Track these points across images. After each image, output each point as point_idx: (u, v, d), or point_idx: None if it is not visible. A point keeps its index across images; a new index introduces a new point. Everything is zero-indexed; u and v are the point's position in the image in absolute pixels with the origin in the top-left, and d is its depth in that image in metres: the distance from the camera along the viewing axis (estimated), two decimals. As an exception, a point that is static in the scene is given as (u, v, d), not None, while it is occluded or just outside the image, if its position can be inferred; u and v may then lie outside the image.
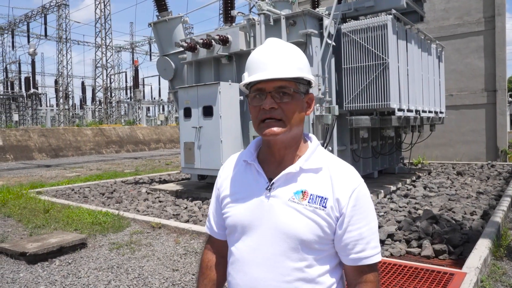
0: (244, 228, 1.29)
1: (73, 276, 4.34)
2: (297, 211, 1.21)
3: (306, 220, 1.21)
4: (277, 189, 1.26)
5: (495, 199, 7.57)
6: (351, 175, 1.26)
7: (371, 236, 1.23)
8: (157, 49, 11.10)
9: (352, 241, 1.22)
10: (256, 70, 1.25)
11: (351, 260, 1.24)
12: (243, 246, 1.29)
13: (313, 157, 1.28)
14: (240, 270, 1.28)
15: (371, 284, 1.23)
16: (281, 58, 1.24)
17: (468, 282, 3.55)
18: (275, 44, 1.28)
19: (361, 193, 1.23)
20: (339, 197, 1.22)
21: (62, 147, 23.62)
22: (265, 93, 1.23)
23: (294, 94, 1.23)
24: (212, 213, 1.48)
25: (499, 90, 13.65)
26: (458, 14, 14.24)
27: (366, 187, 1.27)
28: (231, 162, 1.45)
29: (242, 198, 1.31)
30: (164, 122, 47.60)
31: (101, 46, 35.38)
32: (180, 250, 5.13)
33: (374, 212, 1.27)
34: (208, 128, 8.07)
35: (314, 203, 1.21)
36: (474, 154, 14.04)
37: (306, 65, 1.29)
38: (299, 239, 1.20)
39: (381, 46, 7.67)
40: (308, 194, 1.23)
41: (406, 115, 8.40)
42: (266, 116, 1.23)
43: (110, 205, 8.06)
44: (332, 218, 1.22)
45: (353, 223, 1.21)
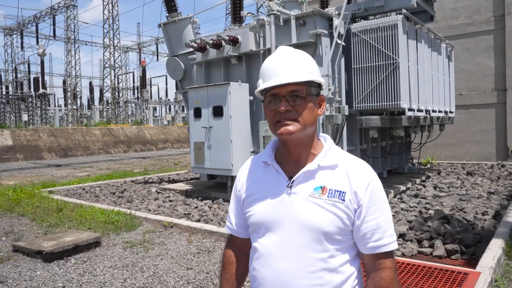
0: (268, 225, 1.36)
1: (89, 274, 4.40)
2: (318, 205, 1.30)
3: (327, 213, 1.29)
4: (297, 186, 1.34)
5: (507, 199, 7.54)
6: (365, 169, 1.35)
7: (387, 225, 1.32)
8: (167, 49, 11.16)
9: (370, 231, 1.31)
10: (270, 77, 1.35)
11: (369, 248, 1.32)
12: (268, 242, 1.36)
13: (329, 154, 1.38)
14: (266, 264, 1.35)
15: (389, 270, 1.31)
16: (292, 64, 1.34)
17: (483, 281, 3.56)
18: (285, 52, 1.39)
19: (376, 186, 1.33)
20: (357, 190, 1.31)
21: (71, 147, 23.82)
22: (279, 97, 1.33)
23: (306, 96, 1.33)
24: (233, 213, 1.57)
25: (509, 90, 13.56)
26: (467, 13, 14.17)
27: (379, 180, 1.36)
28: (249, 164, 1.54)
29: (264, 197, 1.39)
30: (171, 122, 47.80)
31: (109, 47, 35.59)
32: (193, 249, 5.18)
33: (387, 203, 1.36)
34: (218, 128, 8.11)
35: (333, 197, 1.30)
36: (484, 154, 13.96)
37: (316, 69, 1.39)
38: (322, 231, 1.29)
39: (391, 46, 7.67)
40: (327, 189, 1.32)
41: (416, 115, 8.38)
42: (280, 118, 1.32)
43: (121, 204, 8.14)
44: (350, 210, 1.31)
45: (370, 214, 1.31)
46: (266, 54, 8.26)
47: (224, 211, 7.26)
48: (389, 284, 1.31)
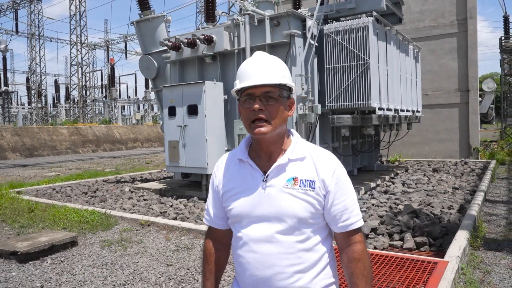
0: (249, 216, 1.51)
1: (68, 274, 4.37)
2: (292, 195, 1.46)
3: (300, 201, 1.46)
4: (272, 180, 1.50)
5: (470, 194, 7.94)
6: (330, 159, 1.53)
7: (353, 206, 1.51)
8: (135, 47, 11.07)
9: (339, 212, 1.49)
10: (247, 78, 1.49)
11: (340, 227, 1.51)
12: (250, 231, 1.51)
13: (297, 148, 1.53)
14: (250, 250, 1.50)
15: (360, 244, 1.50)
16: (267, 67, 1.49)
17: (451, 269, 3.80)
18: (261, 56, 1.53)
19: (340, 172, 1.51)
20: (324, 178, 1.48)
21: (37, 147, 23.12)
22: (254, 97, 1.47)
23: (278, 98, 1.48)
24: (211, 206, 1.68)
25: (471, 90, 14.21)
26: (432, 16, 14.74)
27: (343, 167, 1.54)
28: (225, 161, 1.66)
29: (243, 191, 1.53)
30: (140, 121, 47.11)
31: (76, 44, 34.70)
32: (171, 246, 5.22)
33: (352, 187, 1.54)
34: (193, 127, 8.13)
35: (304, 186, 1.47)
36: (448, 152, 14.57)
37: (288, 74, 1.55)
38: (297, 217, 1.46)
39: (362, 47, 7.92)
40: (298, 180, 1.48)
41: (385, 114, 8.69)
42: (255, 116, 1.46)
43: (95, 204, 8.04)
44: (320, 196, 1.48)
45: (338, 197, 1.48)
46: (240, 54, 8.35)
47: (200, 209, 7.31)
48: (361, 255, 1.49)
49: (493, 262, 4.50)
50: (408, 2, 14.46)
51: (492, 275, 4.12)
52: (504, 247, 5.01)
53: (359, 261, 1.48)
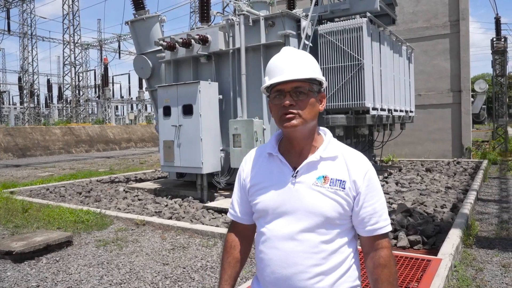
0: (275, 211, 1.48)
1: (64, 273, 4.37)
2: (321, 193, 1.43)
3: (329, 200, 1.43)
4: (301, 176, 1.47)
5: (463, 193, 8.03)
6: (362, 160, 1.50)
7: (383, 210, 1.47)
8: (129, 47, 11.05)
9: (367, 215, 1.45)
10: (275, 74, 1.47)
11: (367, 231, 1.46)
12: (274, 226, 1.48)
13: (329, 147, 1.51)
14: (273, 246, 1.47)
15: (386, 249, 1.46)
16: (296, 62, 1.46)
17: (444, 266, 3.86)
18: (290, 52, 1.51)
19: (372, 174, 1.48)
20: (355, 179, 1.45)
21: (29, 147, 22.97)
22: (284, 93, 1.45)
23: (308, 93, 1.45)
24: (237, 201, 1.67)
25: (463, 91, 14.35)
26: (425, 17, 14.87)
27: (374, 170, 1.51)
28: (253, 155, 1.64)
29: (270, 186, 1.50)
30: (133, 121, 46.94)
31: (69, 43, 34.51)
32: (167, 245, 5.23)
33: (382, 190, 1.51)
34: (188, 127, 8.14)
35: (334, 186, 1.43)
36: (441, 152, 14.70)
37: (317, 68, 1.51)
38: (325, 216, 1.42)
39: (356, 48, 7.98)
40: (329, 179, 1.45)
41: (379, 114, 8.76)
42: (284, 111, 1.44)
43: (90, 203, 8.02)
44: (350, 197, 1.44)
45: (368, 200, 1.45)
46: (235, 54, 8.38)
47: (195, 208, 7.32)
48: (387, 261, 1.45)
49: (485, 259, 4.57)
50: (401, 3, 14.57)
51: (484, 272, 4.19)
52: (496, 245, 5.08)
53: (385, 267, 1.44)
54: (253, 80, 8.13)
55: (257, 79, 8.09)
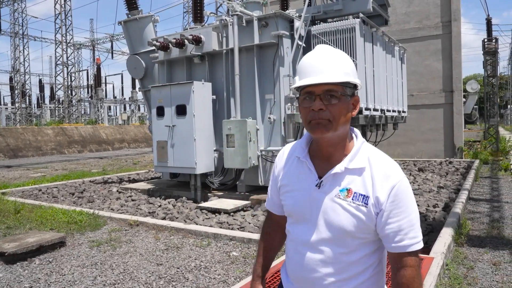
0: (297, 217, 1.50)
1: (57, 274, 4.36)
2: (342, 207, 1.39)
3: (349, 215, 1.38)
4: (325, 186, 1.42)
5: (454, 193, 8.11)
6: (391, 173, 1.37)
7: (410, 228, 1.35)
8: (121, 47, 11.01)
9: (391, 232, 1.36)
10: (307, 75, 1.38)
11: (392, 248, 1.38)
12: (297, 231, 1.50)
13: (358, 156, 1.42)
14: (296, 249, 1.50)
15: (411, 269, 1.36)
16: (329, 63, 1.37)
17: (436, 265, 3.90)
18: (324, 51, 1.41)
19: (400, 190, 1.35)
20: (378, 195, 1.36)
21: (21, 147, 22.79)
22: (314, 95, 1.37)
23: (341, 97, 1.36)
24: (271, 194, 1.73)
25: (455, 91, 14.47)
26: (418, 18, 14.98)
27: (406, 183, 1.38)
28: (286, 152, 1.63)
29: (296, 190, 1.50)
30: (126, 121, 46.73)
31: (61, 43, 34.29)
32: (161, 245, 5.23)
33: (413, 205, 1.38)
34: (181, 127, 8.14)
35: (357, 201, 1.37)
36: (433, 152, 14.82)
37: (352, 70, 1.42)
38: (344, 230, 1.39)
39: (349, 48, 8.02)
40: (352, 192, 1.38)
41: (372, 114, 8.81)
42: (314, 117, 1.36)
43: (83, 204, 7.99)
44: (372, 214, 1.37)
45: (392, 217, 1.35)
46: (229, 54, 8.39)
47: (189, 209, 7.32)
48: (410, 282, 1.36)
49: (477, 258, 4.62)
50: (394, 4, 14.67)
51: (475, 270, 4.24)
52: (487, 244, 5.14)
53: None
54: (247, 80, 8.14)
55: (250, 80, 8.10)
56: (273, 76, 7.91)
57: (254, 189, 8.22)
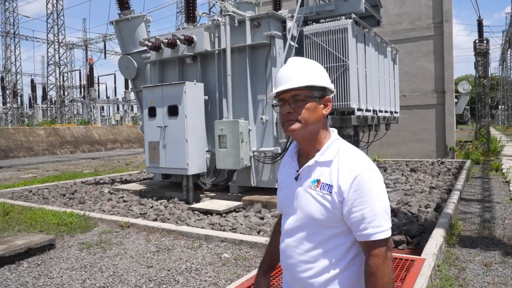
0: (285, 210, 1.67)
1: (45, 277, 4.30)
2: (312, 196, 1.52)
3: (317, 204, 1.50)
4: (302, 179, 1.58)
5: (446, 193, 8.13)
6: (355, 165, 1.47)
7: (373, 217, 1.42)
8: (114, 47, 10.94)
9: (356, 221, 1.44)
10: (278, 84, 1.58)
11: (358, 236, 1.46)
12: (284, 222, 1.67)
13: (328, 151, 1.55)
14: (282, 239, 1.67)
15: (375, 258, 1.42)
16: (295, 72, 1.54)
17: (427, 266, 3.89)
18: (293, 62, 1.60)
19: (362, 180, 1.43)
20: (341, 184, 1.46)
21: (12, 148, 22.57)
22: (284, 101, 1.55)
23: (307, 99, 1.52)
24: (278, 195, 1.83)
25: (447, 92, 14.54)
26: (410, 19, 15.03)
27: (370, 174, 1.45)
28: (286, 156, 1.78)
29: (285, 187, 1.68)
30: (119, 122, 46.49)
31: (54, 43, 34.03)
32: (152, 247, 5.18)
33: (378, 195, 1.44)
34: (173, 128, 8.09)
35: (323, 190, 1.50)
36: (426, 152, 14.88)
37: (319, 75, 1.56)
38: (313, 218, 1.51)
39: (341, 49, 8.02)
40: (320, 183, 1.51)
41: (364, 115, 8.82)
42: (285, 119, 1.55)
43: (73, 205, 7.91)
44: (336, 201, 1.46)
45: (356, 206, 1.43)
46: (221, 54, 8.35)
47: (180, 210, 7.27)
48: (373, 271, 1.42)
49: (468, 258, 4.63)
50: (386, 5, 14.71)
51: (467, 271, 4.24)
52: (478, 244, 5.16)
53: (372, 276, 1.42)
54: (239, 81, 8.11)
55: (242, 80, 8.07)
56: (265, 77, 7.89)
57: (247, 190, 8.19)
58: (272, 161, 7.76)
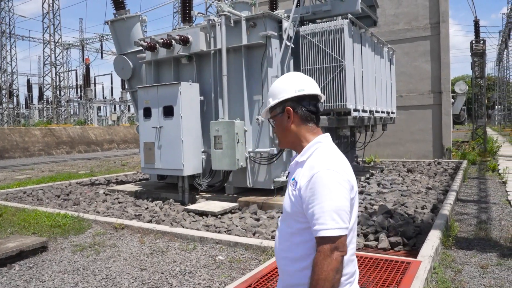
0: None
1: (37, 280, 4.24)
2: (288, 193, 1.70)
3: (289, 198, 1.67)
4: (289, 178, 1.77)
5: (443, 194, 8.11)
6: (315, 165, 1.59)
7: (320, 214, 1.50)
8: (111, 47, 10.87)
9: (309, 217, 1.56)
10: None
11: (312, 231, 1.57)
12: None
13: (306, 153, 1.69)
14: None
15: (318, 253, 1.50)
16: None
17: (423, 269, 3.85)
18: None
19: (317, 179, 1.53)
20: (301, 182, 1.60)
21: (7, 148, 22.44)
22: None
23: (276, 119, 1.77)
24: None
25: (444, 92, 14.54)
26: (406, 20, 15.02)
27: (327, 174, 1.54)
28: None
29: None
30: (116, 122, 46.36)
31: (50, 43, 33.88)
32: (146, 250, 5.12)
33: (329, 194, 1.51)
34: (168, 128, 8.03)
35: (293, 186, 1.66)
36: (422, 152, 14.86)
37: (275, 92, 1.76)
38: (286, 211, 1.69)
39: (338, 49, 7.98)
40: (295, 181, 1.66)
41: (361, 115, 8.79)
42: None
43: (68, 207, 7.84)
44: (298, 197, 1.61)
45: (310, 203, 1.54)
46: (216, 55, 8.30)
47: (176, 211, 7.22)
48: (314, 265, 1.51)
49: (464, 260, 4.60)
50: (383, 5, 14.69)
51: (463, 274, 4.20)
52: (474, 246, 5.13)
53: (312, 270, 1.51)
54: (235, 81, 8.06)
55: (238, 81, 8.02)
56: (261, 77, 7.84)
57: (243, 191, 8.14)
58: (268, 162, 7.71)
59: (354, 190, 1.60)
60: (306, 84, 1.73)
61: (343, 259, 1.51)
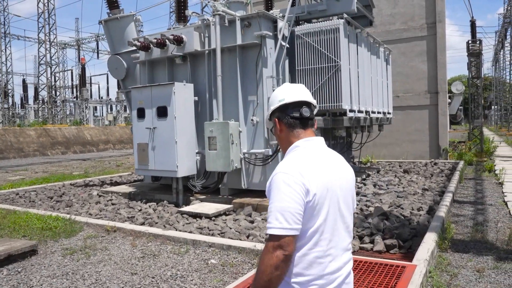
0: None
1: (24, 285, 4.14)
2: None
3: None
4: None
5: (439, 195, 8.05)
6: (277, 167, 1.68)
7: (269, 213, 1.60)
8: (108, 47, 10.78)
9: None
10: None
11: None
12: None
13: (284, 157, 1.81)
14: None
15: (265, 249, 1.57)
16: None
17: (418, 273, 3.78)
18: None
19: (272, 181, 1.64)
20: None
21: (2, 149, 22.27)
22: None
23: (273, 129, 1.89)
24: None
25: (440, 92, 14.50)
26: (403, 20, 14.97)
27: (279, 176, 1.62)
28: None
29: None
30: (112, 122, 46.17)
31: (45, 42, 33.68)
32: (137, 253, 5.03)
33: (277, 196, 1.59)
34: (162, 129, 7.94)
35: None
36: (419, 153, 14.82)
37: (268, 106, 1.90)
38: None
39: (333, 49, 7.91)
40: None
41: (357, 116, 8.72)
42: None
43: (60, 209, 7.74)
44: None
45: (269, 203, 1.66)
46: (211, 54, 8.22)
47: (169, 213, 7.13)
48: (259, 259, 1.61)
49: (460, 264, 4.53)
50: (379, 5, 14.64)
51: (459, 278, 4.14)
52: (470, 249, 5.06)
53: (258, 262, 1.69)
54: (229, 81, 7.97)
55: (233, 81, 7.93)
56: (256, 77, 7.75)
57: (237, 193, 8.06)
58: (263, 163, 7.63)
59: (311, 193, 1.58)
60: (286, 93, 1.82)
61: (287, 258, 1.54)
